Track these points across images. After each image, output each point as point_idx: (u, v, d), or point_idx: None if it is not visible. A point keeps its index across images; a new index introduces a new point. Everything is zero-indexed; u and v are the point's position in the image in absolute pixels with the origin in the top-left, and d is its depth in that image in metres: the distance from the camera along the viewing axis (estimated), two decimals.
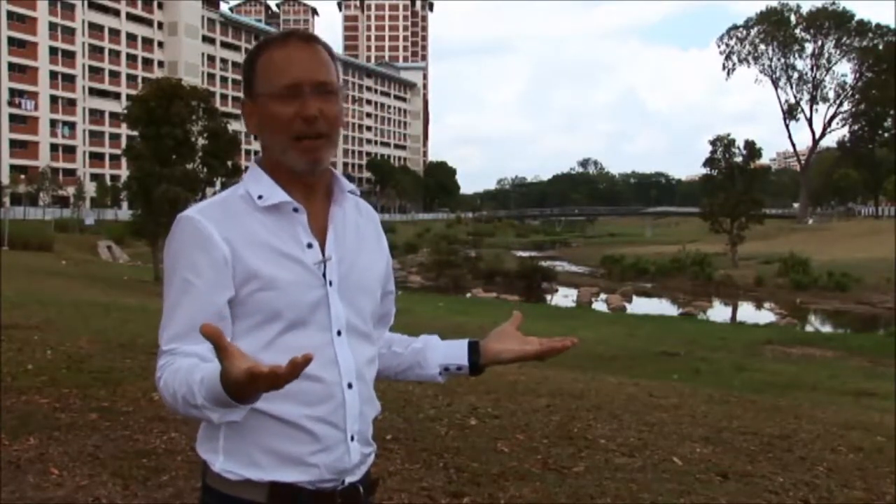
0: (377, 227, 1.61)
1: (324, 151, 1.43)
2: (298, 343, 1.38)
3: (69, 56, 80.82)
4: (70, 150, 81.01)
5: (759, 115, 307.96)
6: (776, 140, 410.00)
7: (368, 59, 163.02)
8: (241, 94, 1.52)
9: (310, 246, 1.43)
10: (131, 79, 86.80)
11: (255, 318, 1.39)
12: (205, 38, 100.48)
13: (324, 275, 1.43)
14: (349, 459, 1.45)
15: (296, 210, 1.43)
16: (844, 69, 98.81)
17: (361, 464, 1.49)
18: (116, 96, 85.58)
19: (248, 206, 1.43)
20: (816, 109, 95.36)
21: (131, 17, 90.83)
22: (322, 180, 1.49)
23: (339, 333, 1.44)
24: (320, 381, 1.41)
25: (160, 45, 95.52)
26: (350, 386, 1.44)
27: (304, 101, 1.39)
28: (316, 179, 1.48)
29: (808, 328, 29.12)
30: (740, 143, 54.43)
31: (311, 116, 1.39)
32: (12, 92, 74.14)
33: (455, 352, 1.63)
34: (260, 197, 1.42)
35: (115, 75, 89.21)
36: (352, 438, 1.45)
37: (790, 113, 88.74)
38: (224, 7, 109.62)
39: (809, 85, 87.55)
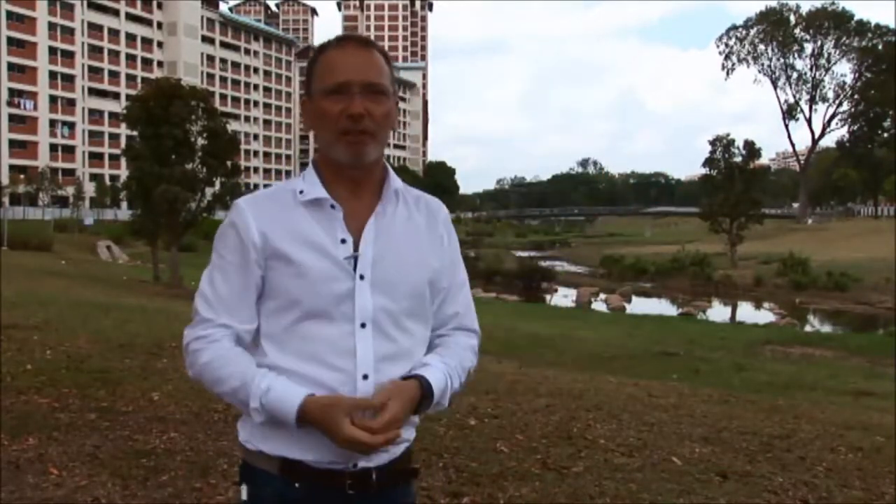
0: (437, 225, 1.63)
1: (368, 147, 1.52)
2: (317, 332, 1.48)
3: (68, 56, 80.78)
4: (69, 150, 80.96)
5: (759, 115, 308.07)
6: (775, 140, 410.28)
7: None
8: (239, 95, 1.56)
9: (343, 241, 1.52)
10: (131, 79, 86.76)
11: (278, 301, 1.51)
12: (204, 38, 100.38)
13: (354, 269, 1.50)
14: None
15: (332, 207, 1.53)
16: (844, 69, 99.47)
17: (376, 451, 1.49)
18: (116, 96, 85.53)
19: (293, 199, 1.55)
20: (815, 109, 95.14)
21: (130, 17, 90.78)
22: (370, 177, 1.58)
23: (362, 326, 1.50)
24: (336, 370, 1.48)
25: (159, 45, 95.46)
26: (365, 377, 1.49)
27: (351, 99, 1.50)
28: (362, 175, 1.56)
29: (808, 328, 29.12)
30: (740, 143, 54.42)
31: (356, 114, 1.49)
32: (12, 92, 74.10)
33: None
34: (301, 192, 1.54)
35: (114, 75, 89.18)
36: None
37: (789, 113, 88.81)
38: (223, 7, 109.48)
39: (809, 85, 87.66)
